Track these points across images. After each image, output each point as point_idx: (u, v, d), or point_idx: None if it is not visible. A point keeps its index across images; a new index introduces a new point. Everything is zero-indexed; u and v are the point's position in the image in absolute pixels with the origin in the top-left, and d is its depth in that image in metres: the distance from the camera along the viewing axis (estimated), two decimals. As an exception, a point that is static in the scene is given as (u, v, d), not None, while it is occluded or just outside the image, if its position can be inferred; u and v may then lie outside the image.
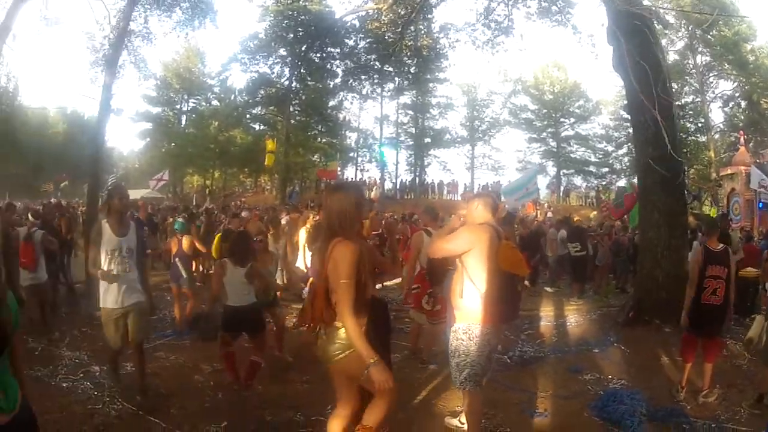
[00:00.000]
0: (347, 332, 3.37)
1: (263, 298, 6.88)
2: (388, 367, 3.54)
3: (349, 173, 48.62)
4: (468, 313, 4.39)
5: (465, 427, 4.92)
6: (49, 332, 8.46)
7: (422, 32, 29.20)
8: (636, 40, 9.57)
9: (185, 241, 9.33)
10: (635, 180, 16.73)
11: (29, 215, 10.69)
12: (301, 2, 37.95)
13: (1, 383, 2.58)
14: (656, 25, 11.06)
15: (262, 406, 5.77)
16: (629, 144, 41.03)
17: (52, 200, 28.95)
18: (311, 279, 8.83)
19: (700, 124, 41.84)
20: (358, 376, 3.48)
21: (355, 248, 3.41)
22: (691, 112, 41.29)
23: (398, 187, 47.03)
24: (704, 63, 40.99)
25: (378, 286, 5.13)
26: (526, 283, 11.98)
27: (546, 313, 10.93)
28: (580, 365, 7.28)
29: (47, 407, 5.42)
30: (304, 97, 42.92)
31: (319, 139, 45.02)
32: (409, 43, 25.61)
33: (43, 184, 47.87)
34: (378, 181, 44.23)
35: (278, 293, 7.95)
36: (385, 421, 3.71)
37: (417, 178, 48.63)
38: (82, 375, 6.83)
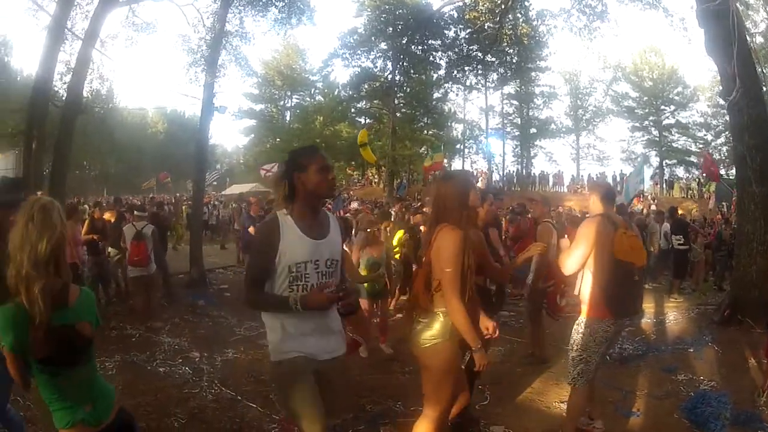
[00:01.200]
0: (453, 319, 3.31)
1: (370, 288, 7.05)
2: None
3: (456, 165, 48.06)
4: (589, 307, 4.34)
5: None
6: (149, 320, 8.71)
7: (520, 20, 28.68)
8: (724, 22, 9.01)
9: None
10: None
11: (133, 211, 10.92)
12: None
13: (89, 392, 2.57)
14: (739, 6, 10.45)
15: (363, 395, 5.77)
16: (727, 133, 38.52)
17: (152, 196, 30.25)
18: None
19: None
20: (443, 368, 3.42)
21: (459, 235, 3.34)
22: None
23: (504, 178, 46.29)
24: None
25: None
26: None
27: (646, 310, 10.46)
28: (675, 365, 7.01)
29: (141, 390, 5.65)
30: (408, 90, 42.89)
31: (425, 131, 45.01)
32: (509, 32, 25.26)
33: (144, 182, 50.25)
34: (485, 172, 43.55)
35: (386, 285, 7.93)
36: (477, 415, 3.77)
37: (523, 170, 47.80)
38: (180, 360, 7.04)
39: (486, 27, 25.71)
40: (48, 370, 2.42)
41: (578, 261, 4.36)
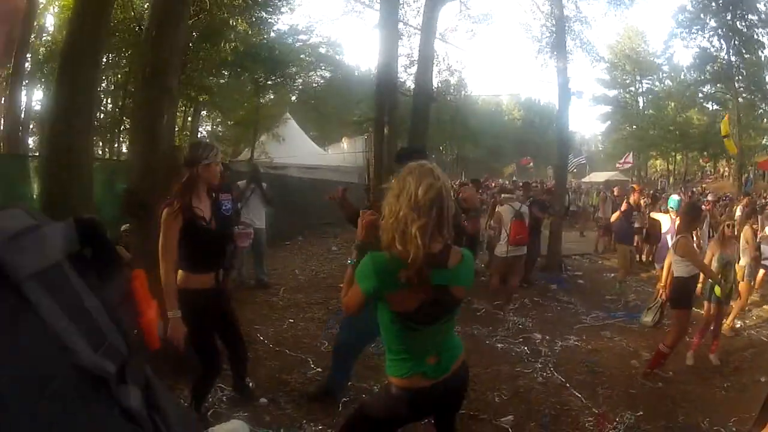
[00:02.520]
0: None
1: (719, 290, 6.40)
2: None
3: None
4: None
5: None
6: (500, 299, 8.71)
7: None
8: None
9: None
10: None
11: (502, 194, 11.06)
12: None
13: (439, 346, 2.51)
14: None
15: (680, 405, 5.37)
16: None
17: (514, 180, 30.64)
18: None
19: None
20: None
21: None
22: None
23: None
24: None
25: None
26: None
27: None
28: None
29: (474, 362, 5.52)
30: (744, 72, 39.13)
31: (764, 119, 40.55)
32: None
33: (504, 166, 51.37)
34: None
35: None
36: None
37: None
38: (520, 340, 7.08)
39: None
40: (405, 324, 2.41)
41: None
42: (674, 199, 10.59)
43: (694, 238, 8.71)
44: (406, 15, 14.97)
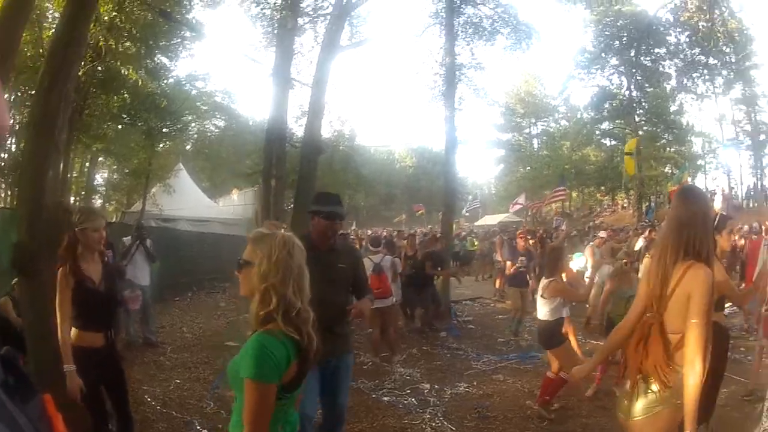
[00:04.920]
0: (689, 383, 2.56)
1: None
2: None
3: (699, 183, 43.48)
4: None
5: None
6: (385, 351, 8.68)
7: (725, 13, 26.77)
8: None
9: None
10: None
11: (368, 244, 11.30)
12: (615, 7, 37.30)
13: (285, 418, 2.42)
14: None
15: None
16: None
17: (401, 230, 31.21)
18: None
19: None
20: None
21: (710, 275, 2.67)
22: None
23: (743, 194, 41.33)
24: None
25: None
26: None
27: None
28: None
29: (360, 418, 5.73)
30: (646, 106, 41.32)
31: (667, 148, 42.35)
32: (720, 29, 23.34)
33: (396, 215, 52.16)
34: (725, 190, 39.02)
35: None
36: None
37: (759, 182, 42.29)
38: (408, 391, 6.99)
39: (701, 26, 24.11)
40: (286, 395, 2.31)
41: None
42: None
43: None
44: (301, 65, 14.97)
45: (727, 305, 5.62)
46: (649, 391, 2.75)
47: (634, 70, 38.35)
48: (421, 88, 16.36)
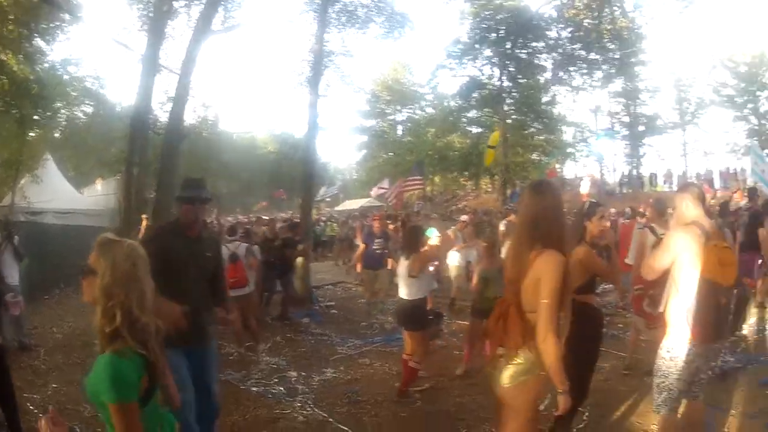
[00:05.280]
0: (546, 356, 2.95)
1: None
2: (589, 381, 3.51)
3: (569, 170, 47.00)
4: (673, 329, 3.88)
5: None
6: (249, 340, 8.58)
7: (617, 13, 27.91)
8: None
9: None
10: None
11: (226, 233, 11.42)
12: (497, 1, 37.34)
13: (158, 419, 2.47)
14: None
15: (460, 417, 5.62)
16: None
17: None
18: None
19: None
20: (531, 404, 3.23)
21: (561, 260, 3.01)
22: None
23: (617, 181, 43.98)
24: None
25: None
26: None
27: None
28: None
29: (230, 410, 5.73)
30: (517, 96, 41.80)
31: (536, 137, 44.06)
32: (608, 27, 24.53)
33: (256, 202, 51.82)
34: (594, 176, 41.61)
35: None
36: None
37: (635, 170, 45.27)
38: (276, 380, 7.06)
39: (586, 24, 24.95)
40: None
41: (658, 270, 3.98)
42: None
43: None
44: (168, 51, 14.95)
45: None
46: (514, 362, 3.08)
47: (507, 62, 38.33)
48: (287, 74, 16.39)
